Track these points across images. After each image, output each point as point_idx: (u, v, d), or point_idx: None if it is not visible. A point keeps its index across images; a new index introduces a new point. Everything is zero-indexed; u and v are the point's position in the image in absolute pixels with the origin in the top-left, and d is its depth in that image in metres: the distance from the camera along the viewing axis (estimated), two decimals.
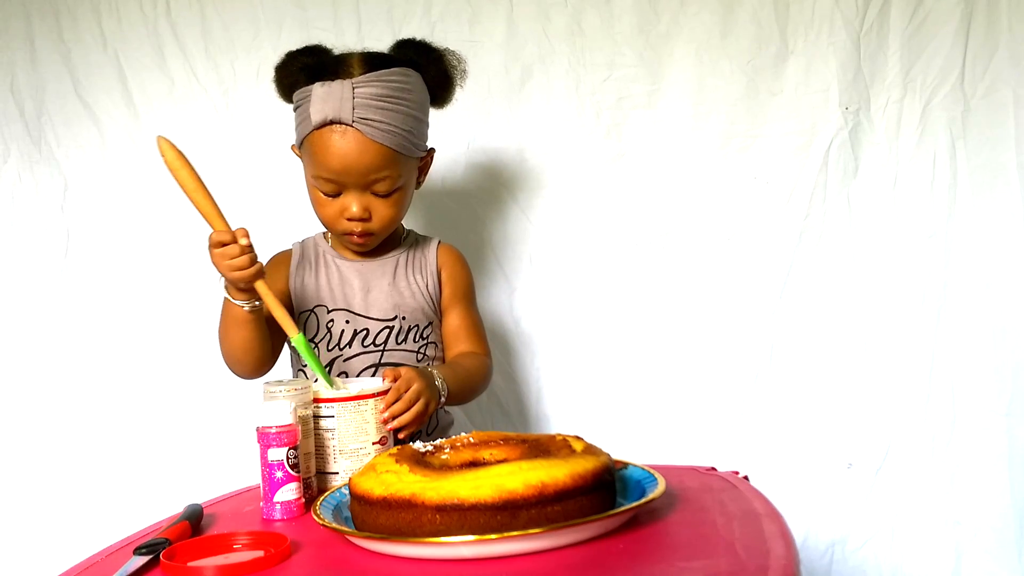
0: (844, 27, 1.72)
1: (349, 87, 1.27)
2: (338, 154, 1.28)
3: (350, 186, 1.30)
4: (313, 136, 1.29)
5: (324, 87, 1.27)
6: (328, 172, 1.29)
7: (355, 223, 1.32)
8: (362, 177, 1.29)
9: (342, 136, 1.27)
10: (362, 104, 1.26)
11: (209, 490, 1.22)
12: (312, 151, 1.30)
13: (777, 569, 0.79)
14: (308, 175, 1.33)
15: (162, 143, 1.15)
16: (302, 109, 1.30)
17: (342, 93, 1.26)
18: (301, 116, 1.31)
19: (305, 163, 1.34)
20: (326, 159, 1.28)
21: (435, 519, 0.86)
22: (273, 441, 1.04)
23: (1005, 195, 1.72)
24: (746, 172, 1.76)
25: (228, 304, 1.26)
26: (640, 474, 1.02)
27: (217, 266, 1.19)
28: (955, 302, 1.73)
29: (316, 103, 1.27)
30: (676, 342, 1.77)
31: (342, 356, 1.35)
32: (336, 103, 1.26)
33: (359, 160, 1.28)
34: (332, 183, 1.30)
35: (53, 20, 1.74)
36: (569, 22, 1.75)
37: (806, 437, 1.75)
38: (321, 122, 1.27)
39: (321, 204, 1.33)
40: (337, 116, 1.26)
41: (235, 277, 1.19)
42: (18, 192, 1.74)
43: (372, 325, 1.36)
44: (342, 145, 1.27)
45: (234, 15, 1.75)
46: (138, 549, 0.92)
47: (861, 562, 1.74)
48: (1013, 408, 1.72)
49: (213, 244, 1.18)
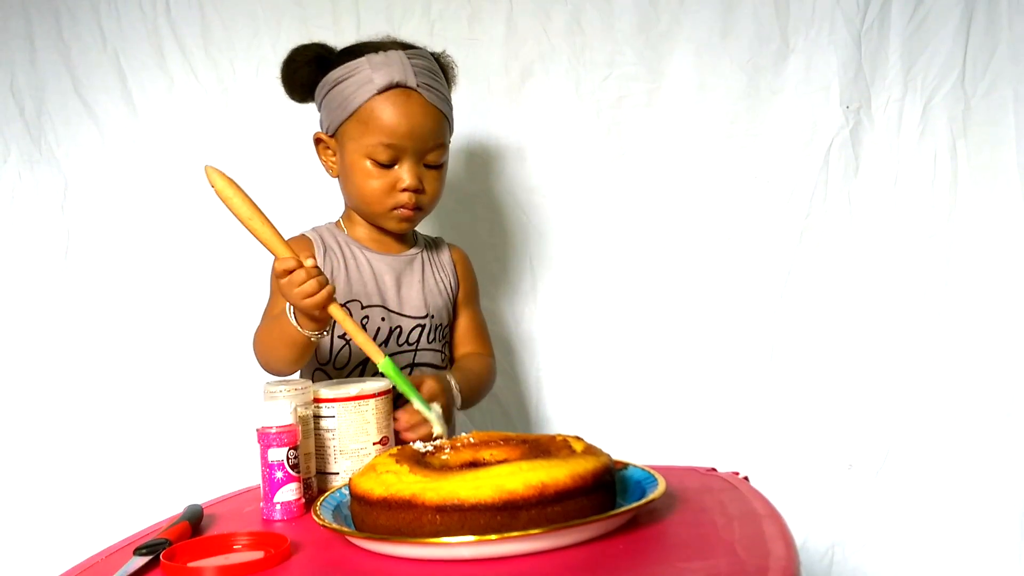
0: (845, 25, 1.72)
1: (403, 56, 1.29)
2: (406, 115, 1.28)
3: (409, 153, 1.30)
4: (374, 102, 1.28)
5: (379, 55, 1.29)
6: (392, 136, 1.28)
7: (408, 195, 1.31)
8: (423, 142, 1.30)
9: (408, 99, 1.28)
10: (420, 71, 1.29)
11: (209, 490, 1.22)
12: (371, 117, 1.28)
13: (777, 570, 0.79)
14: (359, 147, 1.30)
15: (211, 173, 1.11)
16: (348, 83, 1.29)
17: (400, 60, 1.28)
18: (349, 89, 1.29)
19: (353, 136, 1.31)
20: (392, 122, 1.28)
21: (435, 519, 0.86)
22: (273, 441, 1.04)
23: (1006, 194, 1.72)
24: (746, 171, 1.75)
25: (289, 329, 1.17)
26: (640, 475, 1.02)
27: (286, 295, 1.13)
28: (956, 301, 1.73)
29: (378, 69, 1.27)
30: (676, 342, 1.77)
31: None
32: (398, 68, 1.28)
33: (424, 123, 1.29)
34: (392, 149, 1.29)
35: (53, 19, 1.74)
36: (569, 20, 1.75)
37: (807, 438, 1.75)
38: (387, 85, 1.27)
39: (371, 176, 1.31)
40: (404, 80, 1.28)
41: (306, 305, 1.11)
42: (18, 191, 1.74)
43: (405, 323, 1.35)
44: (409, 107, 1.28)
45: (233, 14, 1.75)
46: (138, 549, 0.92)
47: (861, 563, 1.74)
48: (1013, 408, 1.72)
49: (279, 273, 1.12)
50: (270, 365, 1.26)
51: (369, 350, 1.14)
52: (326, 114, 1.36)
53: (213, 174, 1.11)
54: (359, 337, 1.14)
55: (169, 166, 1.76)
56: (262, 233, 1.13)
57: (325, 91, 1.34)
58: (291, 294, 1.12)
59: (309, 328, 1.15)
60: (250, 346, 1.75)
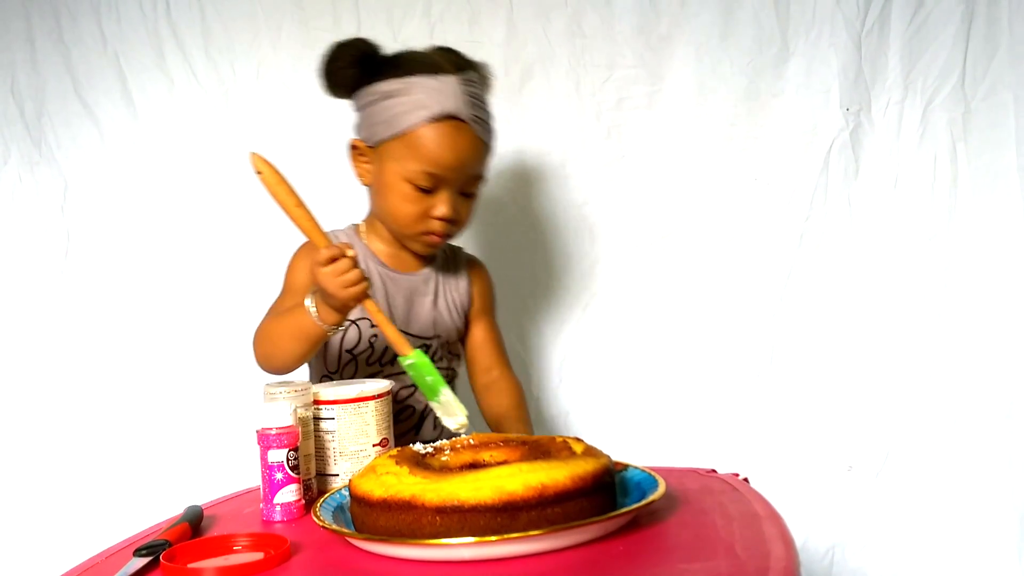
0: (845, 28, 1.72)
1: (460, 83, 1.26)
2: (454, 149, 1.26)
3: (450, 183, 1.28)
4: (423, 129, 1.25)
5: (436, 80, 1.25)
6: (437, 167, 1.26)
7: (440, 223, 1.29)
8: (466, 174, 1.29)
9: (458, 132, 1.26)
10: (472, 102, 1.27)
11: (209, 492, 1.22)
12: (418, 144, 1.25)
13: (777, 571, 0.79)
14: (400, 168, 1.27)
15: (256, 160, 1.11)
16: (398, 103, 1.26)
17: (455, 89, 1.25)
18: (398, 109, 1.26)
19: (396, 156, 1.27)
20: (440, 154, 1.25)
21: (435, 521, 0.86)
22: (273, 443, 1.04)
23: (1005, 196, 1.72)
24: (747, 173, 1.76)
25: (305, 321, 1.17)
26: (640, 476, 1.02)
27: (326, 285, 1.13)
28: (956, 303, 1.73)
29: (432, 95, 1.24)
30: (676, 343, 1.77)
31: (382, 372, 1.34)
32: (453, 98, 1.25)
33: (470, 156, 1.28)
34: (435, 178, 1.26)
35: (53, 21, 1.74)
36: (569, 23, 1.75)
37: (807, 439, 1.75)
38: (440, 115, 1.24)
39: (408, 200, 1.28)
40: (456, 112, 1.25)
41: (347, 295, 1.13)
42: (18, 193, 1.74)
43: (412, 342, 1.31)
44: (458, 140, 1.26)
45: (233, 15, 1.75)
46: (138, 551, 0.92)
47: (861, 564, 1.74)
48: (1013, 410, 1.72)
49: (323, 261, 1.12)
50: (271, 359, 1.25)
51: (398, 343, 1.17)
52: (367, 125, 1.31)
53: (259, 161, 1.12)
54: (389, 330, 1.17)
55: (169, 167, 1.76)
56: (304, 222, 1.15)
57: (370, 101, 1.29)
58: (331, 282, 1.12)
59: (329, 321, 1.16)
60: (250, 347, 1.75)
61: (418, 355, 1.17)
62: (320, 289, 1.15)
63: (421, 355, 1.17)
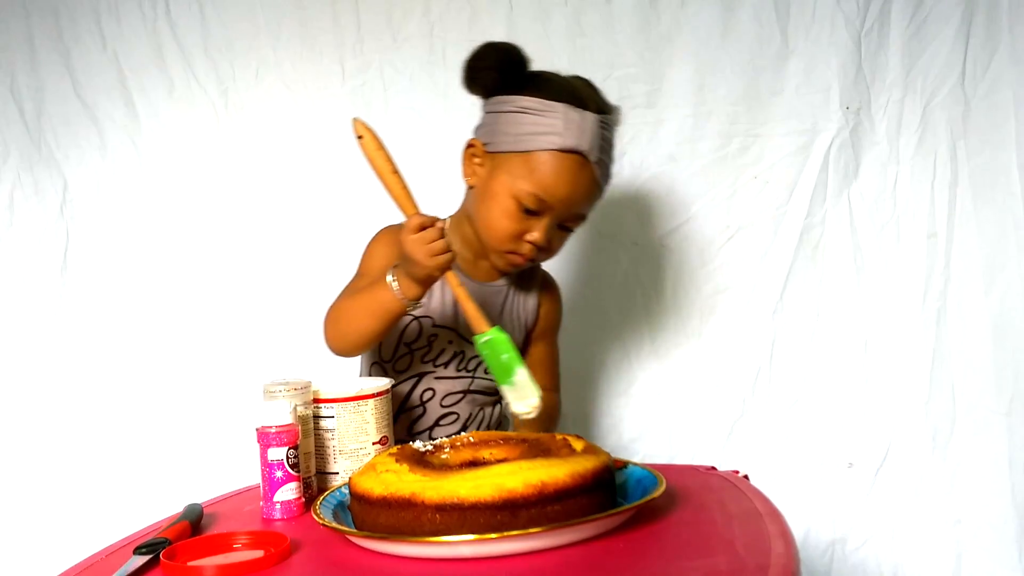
0: (845, 27, 1.72)
1: (597, 123, 1.25)
2: (571, 184, 1.25)
3: (554, 213, 1.26)
4: (549, 156, 1.23)
5: (576, 113, 1.23)
6: (550, 196, 1.24)
7: (531, 248, 1.28)
8: (572, 210, 1.28)
9: (581, 169, 1.25)
10: (602, 145, 1.26)
11: (209, 490, 1.22)
12: (539, 168, 1.24)
13: (777, 568, 0.79)
14: (512, 184, 1.25)
15: (358, 125, 1.13)
16: (533, 121, 1.24)
17: (592, 127, 1.24)
18: (531, 128, 1.24)
19: (512, 171, 1.25)
20: (556, 184, 1.24)
21: (435, 518, 0.86)
22: (273, 441, 1.04)
23: (1005, 195, 1.72)
24: (747, 171, 1.76)
25: (384, 296, 1.17)
26: (640, 473, 1.02)
27: (413, 252, 1.13)
28: (955, 302, 1.73)
29: (569, 126, 1.23)
30: (676, 341, 1.77)
31: (435, 373, 1.33)
32: (587, 136, 1.24)
33: (584, 196, 1.27)
34: (543, 204, 1.25)
35: (52, 21, 1.74)
36: (569, 22, 1.75)
37: (806, 436, 1.75)
38: (569, 148, 1.23)
39: (509, 216, 1.26)
40: (587, 151, 1.24)
41: (434, 264, 1.13)
42: (17, 193, 1.74)
43: (470, 351, 1.33)
44: (578, 177, 1.25)
45: (233, 15, 1.75)
46: (138, 549, 0.92)
47: (861, 561, 1.74)
48: (1013, 408, 1.72)
49: (413, 227, 1.13)
50: (344, 338, 1.23)
51: (476, 319, 1.17)
52: (492, 130, 1.29)
53: (360, 126, 1.14)
54: (469, 305, 1.17)
55: (169, 167, 1.76)
56: (397, 189, 1.15)
57: (504, 110, 1.28)
58: (419, 250, 1.12)
59: (411, 295, 1.16)
60: (249, 347, 1.75)
61: (496, 331, 1.16)
62: (406, 258, 1.14)
63: (499, 331, 1.16)
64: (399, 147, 1.75)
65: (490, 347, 1.16)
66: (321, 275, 1.75)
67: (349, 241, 1.76)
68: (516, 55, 1.30)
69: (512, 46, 1.30)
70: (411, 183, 1.17)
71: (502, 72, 1.28)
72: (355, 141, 1.14)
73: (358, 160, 1.81)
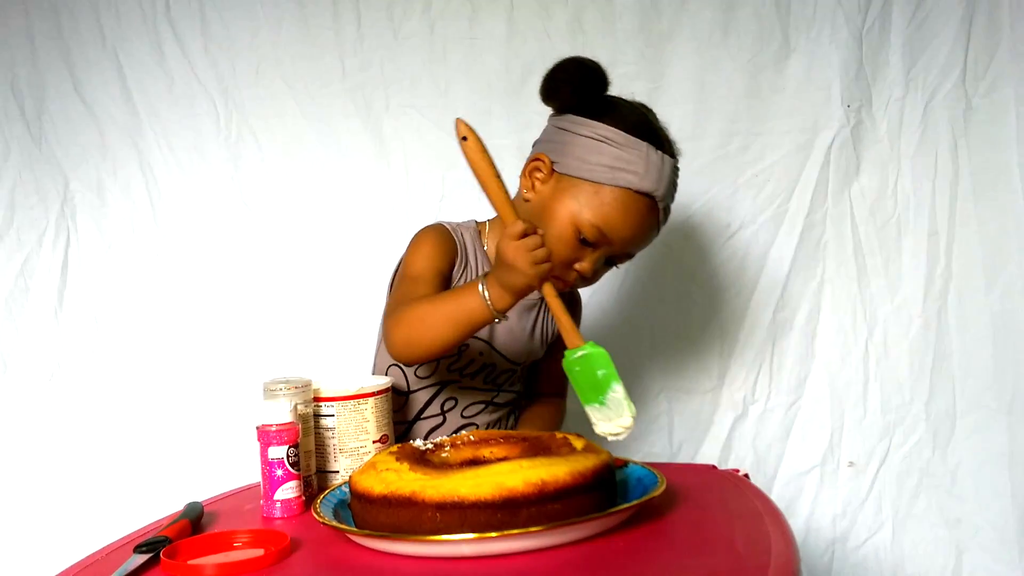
0: (846, 25, 1.72)
1: (672, 168, 1.23)
2: (636, 226, 1.22)
3: (609, 249, 1.23)
4: (622, 193, 1.19)
5: (658, 155, 1.20)
6: (613, 233, 1.21)
7: (575, 277, 1.24)
8: (628, 249, 1.25)
9: (649, 212, 1.22)
10: (671, 191, 1.24)
11: (209, 488, 1.22)
12: (609, 203, 1.20)
13: (777, 567, 0.79)
14: (575, 211, 1.21)
15: (462, 126, 1.08)
16: (612, 154, 1.19)
17: (669, 173, 1.22)
18: (609, 160, 1.19)
19: (579, 198, 1.21)
20: (622, 223, 1.20)
21: (435, 517, 0.86)
22: (273, 439, 1.04)
23: (1007, 193, 1.72)
24: (747, 170, 1.75)
25: (472, 304, 1.11)
26: (640, 472, 1.02)
27: (516, 259, 1.06)
28: (956, 300, 1.73)
29: (649, 168, 1.19)
30: (676, 340, 1.77)
31: (460, 383, 1.30)
32: (664, 181, 1.21)
33: (643, 238, 1.25)
34: (602, 239, 1.21)
35: (53, 18, 1.74)
36: (570, 19, 1.75)
37: (806, 435, 1.75)
38: (644, 191, 1.20)
39: (563, 241, 1.21)
40: (661, 196, 1.21)
41: (535, 272, 1.07)
42: (18, 190, 1.74)
43: (500, 364, 1.31)
44: (645, 220, 1.22)
45: (233, 13, 1.75)
46: (138, 547, 0.92)
47: (861, 560, 1.74)
48: (1014, 407, 1.72)
49: (515, 235, 1.06)
50: (417, 345, 1.15)
51: (570, 333, 1.09)
52: (564, 151, 1.23)
53: (464, 127, 1.08)
54: (565, 318, 1.09)
55: (168, 166, 1.75)
56: (497, 195, 1.09)
57: (581, 133, 1.22)
58: (522, 257, 1.06)
59: (501, 305, 1.09)
60: (249, 345, 1.75)
61: (592, 346, 1.08)
62: (505, 265, 1.08)
63: (595, 346, 1.08)
64: (399, 143, 1.77)
65: (585, 362, 1.07)
66: (321, 273, 1.76)
67: (349, 239, 1.77)
68: (598, 75, 1.24)
69: (595, 65, 1.24)
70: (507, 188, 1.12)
71: (581, 91, 1.23)
72: (457, 142, 1.09)
73: (358, 159, 1.83)
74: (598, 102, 1.24)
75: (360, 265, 1.73)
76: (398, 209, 1.75)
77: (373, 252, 1.73)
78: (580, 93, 1.23)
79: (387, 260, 1.70)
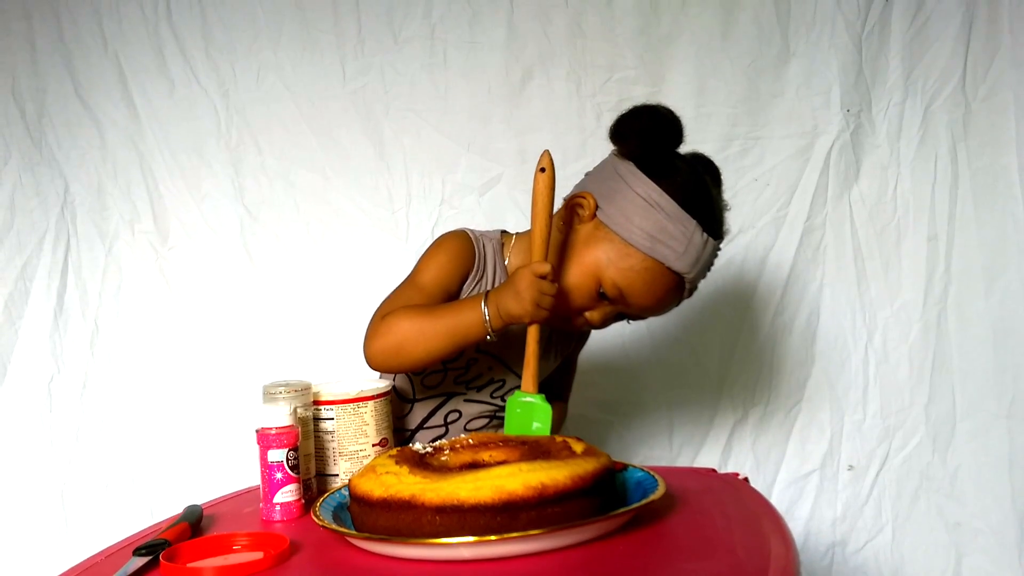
0: (846, 29, 1.72)
1: (713, 250, 1.19)
2: (658, 298, 1.19)
3: (625, 309, 1.21)
4: (656, 265, 1.15)
5: (702, 238, 1.16)
6: (632, 297, 1.18)
7: (583, 324, 1.23)
8: (642, 315, 1.24)
9: (675, 288, 1.19)
10: (704, 273, 1.21)
11: (209, 491, 1.22)
12: (640, 270, 1.16)
13: (777, 571, 0.79)
14: (602, 265, 1.17)
15: (547, 159, 1.12)
16: (659, 224, 1.14)
17: (707, 258, 1.19)
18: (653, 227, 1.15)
19: (610, 254, 1.17)
20: (644, 292, 1.17)
21: (435, 520, 0.86)
22: (273, 442, 1.04)
23: (1006, 197, 1.73)
24: (747, 174, 1.76)
25: (470, 319, 1.12)
26: (640, 476, 1.01)
27: (525, 290, 1.09)
28: (956, 304, 1.73)
29: (690, 250, 1.15)
30: (677, 344, 1.77)
31: (465, 395, 1.28)
32: (700, 265, 1.18)
33: (660, 310, 1.22)
34: (620, 299, 1.18)
35: (54, 22, 1.74)
36: (570, 24, 1.75)
37: (806, 439, 1.75)
38: (680, 272, 1.16)
39: (581, 292, 1.19)
40: (693, 278, 1.19)
41: (534, 312, 1.10)
42: (19, 194, 1.74)
43: (509, 381, 1.28)
44: (668, 295, 1.19)
45: (234, 17, 1.75)
46: (138, 550, 0.92)
47: (861, 564, 1.74)
48: (1014, 410, 1.72)
49: (538, 271, 1.09)
50: (406, 354, 1.15)
51: (531, 381, 1.14)
52: (612, 200, 1.18)
53: (548, 160, 1.13)
54: (532, 364, 1.14)
55: (169, 169, 1.76)
56: (541, 232, 1.13)
57: (635, 188, 1.16)
58: (532, 293, 1.09)
59: (496, 324, 1.12)
60: (249, 349, 1.75)
61: (542, 400, 1.13)
62: (513, 290, 1.10)
63: (544, 401, 1.13)
64: (399, 147, 1.78)
65: (528, 409, 1.13)
66: (321, 277, 1.76)
67: (349, 242, 1.77)
68: (671, 130, 1.18)
69: (672, 119, 1.17)
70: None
71: (648, 145, 1.17)
72: (536, 171, 1.12)
73: (358, 163, 1.82)
74: (664, 159, 1.18)
75: (360, 269, 1.73)
76: (398, 212, 1.75)
77: (373, 256, 1.74)
78: (647, 147, 1.18)
79: (387, 263, 1.71)
